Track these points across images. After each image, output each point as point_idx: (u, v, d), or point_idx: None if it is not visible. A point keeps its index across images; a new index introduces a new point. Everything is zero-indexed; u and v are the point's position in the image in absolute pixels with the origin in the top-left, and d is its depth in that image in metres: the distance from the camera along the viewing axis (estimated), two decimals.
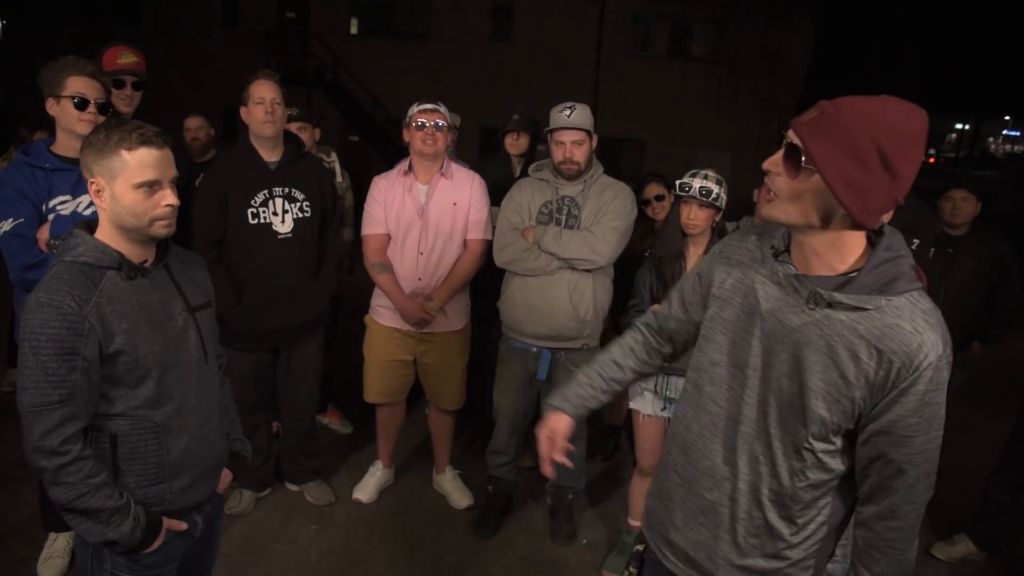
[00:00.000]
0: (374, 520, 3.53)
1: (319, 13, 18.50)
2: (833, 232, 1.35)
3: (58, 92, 2.54)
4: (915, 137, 1.25)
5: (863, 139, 1.23)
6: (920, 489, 1.40)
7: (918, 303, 1.33)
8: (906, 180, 1.27)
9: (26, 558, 3.03)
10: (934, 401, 1.33)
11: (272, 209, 3.11)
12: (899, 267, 1.34)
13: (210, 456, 1.88)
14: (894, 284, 1.33)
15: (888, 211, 1.32)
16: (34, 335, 1.55)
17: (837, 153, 1.24)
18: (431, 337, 3.37)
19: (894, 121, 1.24)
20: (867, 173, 1.24)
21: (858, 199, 1.26)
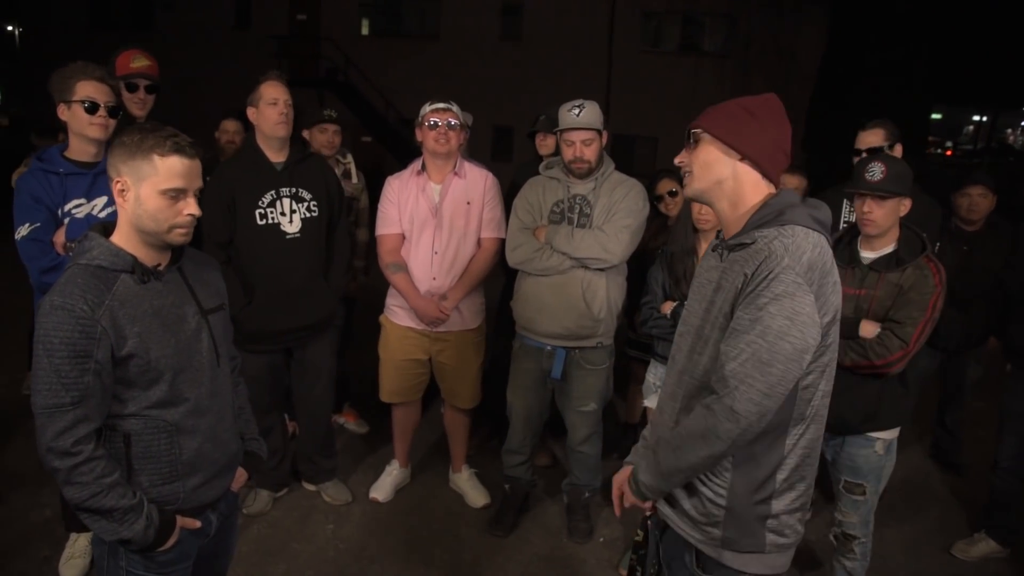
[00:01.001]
0: (391, 519, 3.54)
1: (330, 15, 18.58)
2: (741, 186, 1.66)
3: (68, 97, 2.57)
4: (766, 99, 1.68)
5: (730, 106, 1.69)
6: (725, 384, 1.54)
7: (784, 231, 1.56)
8: (772, 125, 1.65)
9: (48, 559, 3.07)
10: (766, 309, 1.50)
11: (280, 209, 3.13)
12: (778, 208, 1.60)
13: (223, 455, 1.89)
14: (771, 222, 1.59)
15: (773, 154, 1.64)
16: (47, 338, 1.57)
17: (714, 117, 1.68)
18: (446, 336, 3.38)
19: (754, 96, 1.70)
20: (740, 122, 1.65)
21: (741, 138, 1.63)
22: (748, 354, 1.51)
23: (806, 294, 1.50)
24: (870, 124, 3.34)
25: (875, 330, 2.56)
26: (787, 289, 1.49)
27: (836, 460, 2.78)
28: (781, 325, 1.49)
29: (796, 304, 1.49)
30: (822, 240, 1.59)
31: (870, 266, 2.63)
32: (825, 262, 1.56)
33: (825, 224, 1.64)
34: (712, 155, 1.67)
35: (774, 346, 1.49)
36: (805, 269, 1.51)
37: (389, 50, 18.11)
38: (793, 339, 1.49)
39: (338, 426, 4.37)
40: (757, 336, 1.50)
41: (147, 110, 3.26)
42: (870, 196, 2.57)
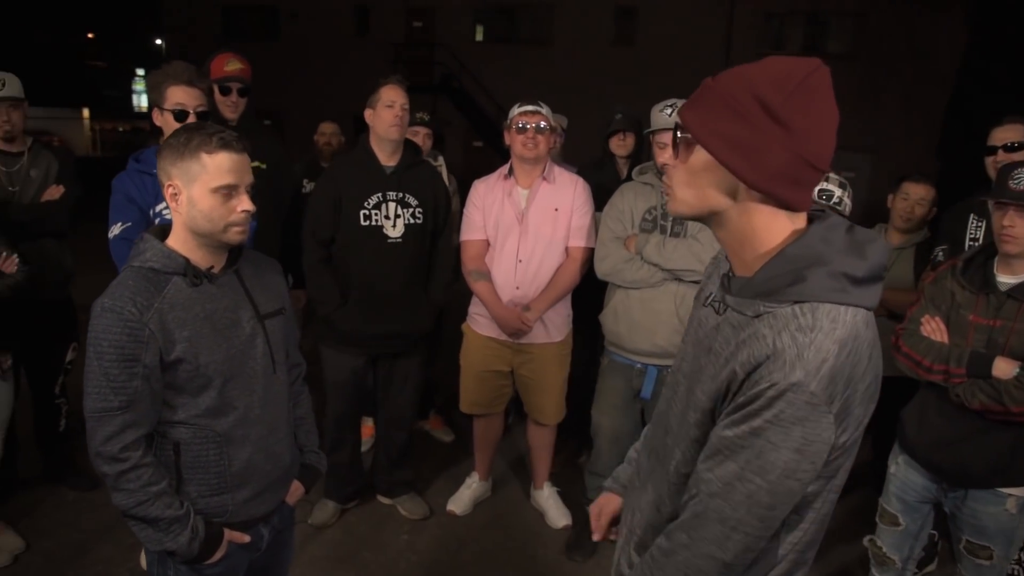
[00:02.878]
0: (467, 534, 3.43)
1: (445, 22, 18.95)
2: (749, 219, 1.14)
3: (161, 103, 2.61)
4: (800, 82, 1.06)
5: (740, 94, 1.07)
6: (711, 529, 1.14)
7: (801, 317, 1.07)
8: (807, 132, 1.06)
9: (132, 546, 3.14)
10: (765, 437, 1.07)
11: (384, 213, 3.09)
12: (796, 267, 1.09)
13: (276, 468, 1.82)
14: (783, 290, 1.09)
15: (800, 173, 1.09)
16: (97, 340, 1.55)
17: (714, 115, 1.10)
18: (529, 348, 3.23)
19: (774, 72, 1.07)
20: (751, 129, 1.06)
21: (746, 159, 1.07)
22: (743, 496, 1.10)
23: (823, 416, 1.05)
24: (1008, 118, 2.94)
25: (1013, 370, 2.18)
26: (797, 413, 1.05)
27: (956, 516, 2.42)
28: (788, 460, 1.07)
29: (809, 431, 1.05)
30: (858, 322, 1.08)
31: (1009, 293, 2.25)
32: (857, 363, 1.07)
33: (872, 277, 1.11)
34: (706, 177, 1.13)
35: (777, 487, 1.08)
36: (826, 384, 1.04)
37: (502, 56, 18.25)
38: (803, 475, 1.08)
39: (423, 433, 4.31)
40: (754, 473, 1.09)
41: (239, 113, 3.31)
42: (1014, 207, 2.19)
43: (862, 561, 3.37)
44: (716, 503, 1.13)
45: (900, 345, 2.47)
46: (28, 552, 3.09)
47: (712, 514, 1.14)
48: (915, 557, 2.66)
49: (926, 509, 2.55)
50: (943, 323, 2.40)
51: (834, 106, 1.10)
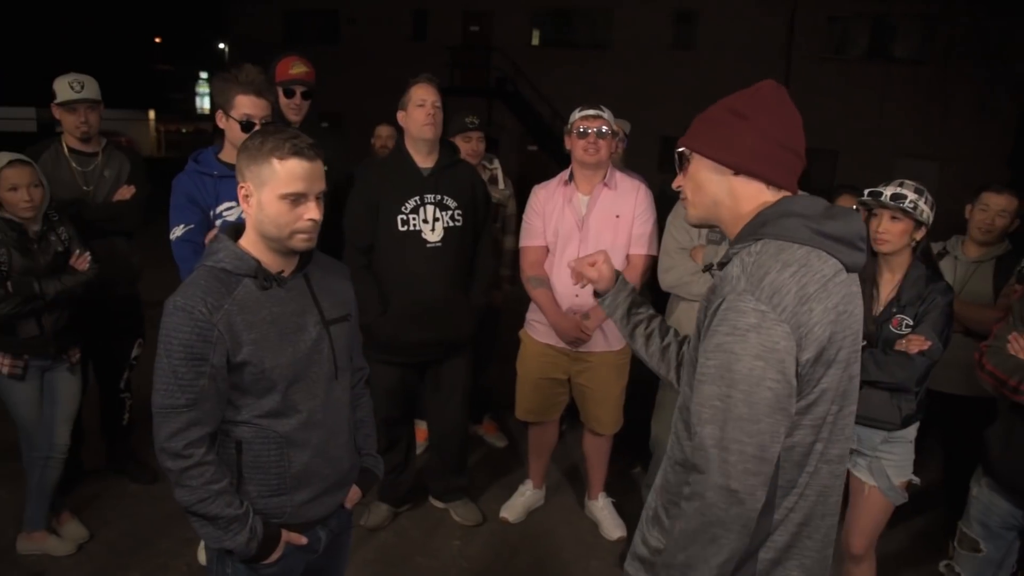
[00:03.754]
0: (520, 542, 3.39)
1: (502, 26, 19.00)
2: (737, 200, 1.38)
3: (227, 109, 2.63)
4: (756, 89, 1.38)
5: (714, 111, 1.41)
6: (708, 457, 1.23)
7: (752, 247, 1.30)
8: (766, 120, 1.35)
9: (190, 540, 3.19)
10: (731, 350, 1.21)
11: (423, 216, 3.04)
12: (764, 219, 1.33)
13: (335, 472, 1.81)
14: (751, 234, 1.33)
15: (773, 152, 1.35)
16: (168, 338, 1.56)
17: (698, 129, 1.42)
18: (587, 357, 3.18)
19: (742, 91, 1.40)
20: (723, 127, 1.37)
21: (723, 146, 1.36)
22: (723, 412, 1.21)
23: (775, 323, 1.19)
24: None
25: None
26: (749, 320, 1.20)
27: None
28: (752, 368, 1.19)
29: (764, 338, 1.19)
30: (811, 256, 1.25)
31: None
32: (806, 284, 1.22)
33: (841, 238, 1.29)
34: (702, 174, 1.40)
35: (752, 396, 1.19)
36: (769, 294, 1.20)
37: (558, 60, 18.20)
38: (772, 383, 1.19)
39: (476, 438, 4.29)
40: (727, 387, 1.21)
41: (302, 115, 3.34)
42: None
43: None
44: (707, 429, 1.24)
45: (984, 363, 2.36)
46: (92, 542, 3.16)
47: (708, 440, 1.24)
48: None
49: (1011, 536, 2.43)
50: None
51: (791, 106, 1.39)
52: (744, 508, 1.22)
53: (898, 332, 2.48)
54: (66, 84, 3.23)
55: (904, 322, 2.48)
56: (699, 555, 1.25)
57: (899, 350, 2.44)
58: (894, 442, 2.54)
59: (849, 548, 2.70)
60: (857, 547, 2.68)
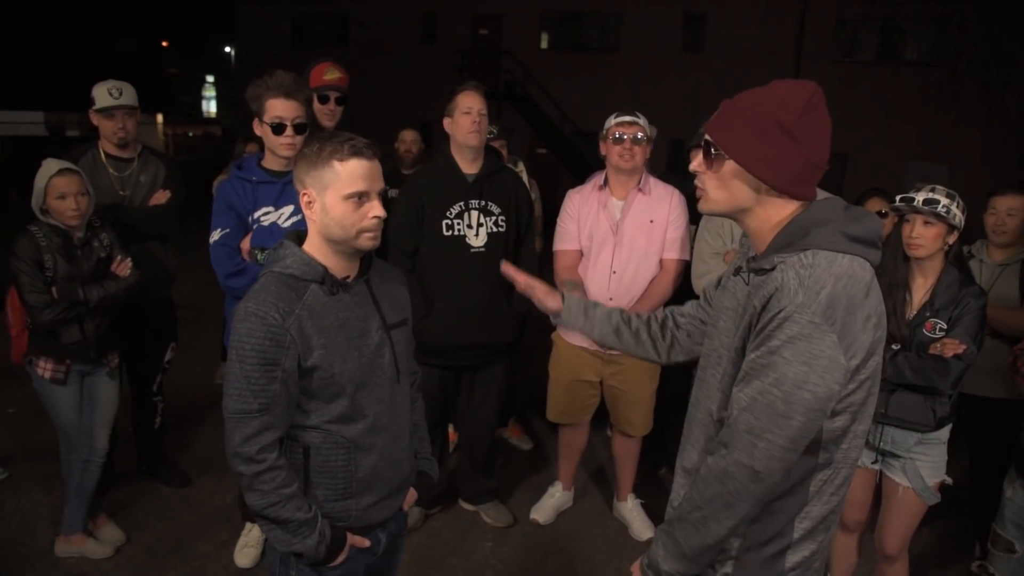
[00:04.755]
0: (551, 543, 3.42)
1: (511, 29, 19.06)
2: (766, 209, 1.42)
3: (261, 115, 2.66)
4: (805, 104, 1.35)
5: (760, 116, 1.36)
6: (741, 440, 1.34)
7: (804, 258, 1.33)
8: (814, 143, 1.36)
9: (226, 543, 3.24)
10: (779, 354, 1.30)
11: (467, 222, 3.09)
12: (803, 227, 1.37)
13: (397, 476, 1.85)
14: (793, 243, 1.36)
15: (808, 174, 1.38)
16: (240, 343, 1.58)
17: (740, 134, 1.38)
18: (620, 359, 3.21)
19: (783, 95, 1.36)
20: (770, 144, 1.35)
21: (770, 168, 1.37)
22: (763, 405, 1.31)
23: (825, 335, 1.28)
24: None
25: None
26: (802, 331, 1.28)
27: None
28: (798, 372, 1.28)
29: (814, 347, 1.28)
30: (855, 265, 1.33)
31: None
32: (854, 295, 1.30)
33: (867, 240, 1.37)
34: (733, 182, 1.41)
35: (791, 396, 1.29)
36: (824, 307, 1.28)
37: (568, 63, 18.26)
38: (814, 386, 1.29)
39: (502, 441, 4.32)
40: (772, 385, 1.30)
41: (336, 121, 3.37)
42: None
43: None
44: (744, 416, 1.34)
45: (1020, 366, 2.38)
46: (129, 544, 3.20)
47: (741, 425, 1.34)
48: None
49: None
50: None
51: (828, 118, 1.39)
52: (763, 486, 1.35)
53: (932, 336, 2.50)
54: (105, 91, 3.27)
55: (938, 326, 2.50)
56: (713, 516, 1.40)
57: (934, 353, 2.46)
58: (928, 443, 2.56)
59: (884, 548, 2.73)
60: (892, 548, 2.70)
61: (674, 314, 1.85)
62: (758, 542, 1.44)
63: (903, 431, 2.56)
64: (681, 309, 1.85)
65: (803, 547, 1.45)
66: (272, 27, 21.35)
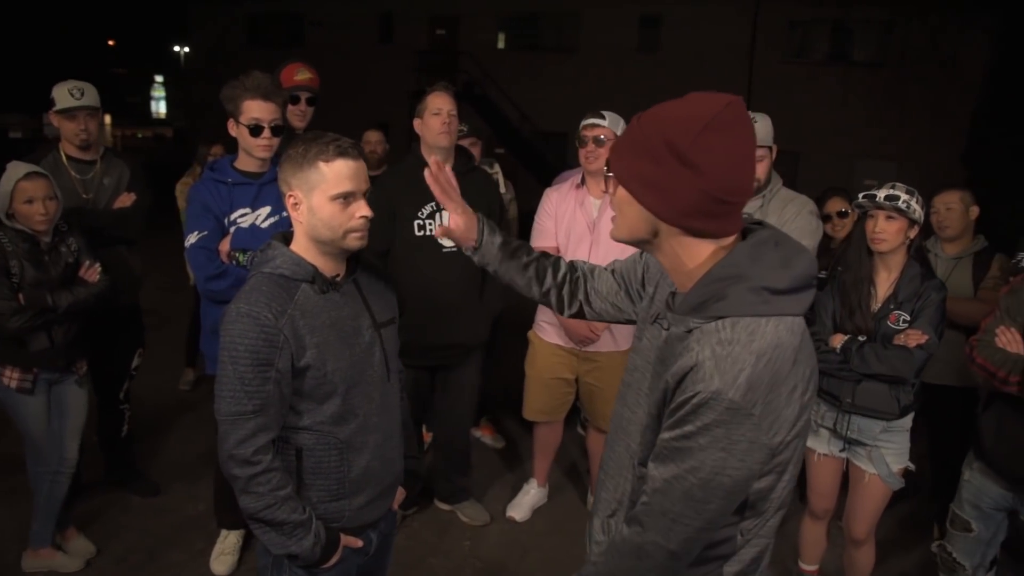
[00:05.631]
0: (529, 540, 3.45)
1: (468, 30, 19.06)
2: (673, 247, 1.26)
3: (237, 116, 2.65)
4: (707, 124, 1.15)
5: (653, 138, 1.19)
6: (657, 521, 1.25)
7: (721, 331, 1.19)
8: (715, 170, 1.16)
9: (202, 551, 3.18)
10: (695, 440, 1.18)
11: (439, 222, 3.10)
12: (719, 284, 1.21)
13: (388, 475, 1.86)
14: (708, 306, 1.21)
15: (711, 208, 1.19)
16: (233, 345, 1.58)
17: (632, 157, 1.22)
18: (595, 356, 3.25)
19: (682, 115, 1.18)
20: (663, 170, 1.18)
21: (660, 198, 1.20)
22: (679, 491, 1.21)
23: (744, 419, 1.16)
24: None
25: None
26: (719, 418, 1.16)
27: None
28: (716, 459, 1.18)
29: (732, 433, 1.17)
30: (780, 332, 1.19)
31: None
32: (778, 370, 1.17)
33: (798, 287, 1.22)
34: (627, 210, 1.26)
35: (709, 483, 1.19)
36: (744, 391, 1.15)
37: (525, 63, 18.33)
38: (733, 471, 1.19)
39: (474, 440, 4.34)
40: (688, 472, 1.20)
41: (307, 122, 3.35)
42: None
43: (923, 569, 3.37)
44: (658, 498, 1.25)
45: (975, 356, 2.49)
46: (100, 557, 3.12)
47: (656, 507, 1.26)
48: (985, 565, 2.68)
49: (1000, 516, 2.58)
50: (1019, 334, 2.41)
51: (747, 137, 1.20)
52: (680, 563, 1.29)
53: (895, 327, 2.60)
54: (66, 91, 3.19)
55: (901, 318, 2.60)
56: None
57: (898, 344, 2.56)
58: (892, 431, 2.66)
59: (852, 533, 2.83)
60: (860, 532, 2.80)
61: (589, 290, 1.72)
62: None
63: (869, 420, 2.66)
64: (597, 287, 1.71)
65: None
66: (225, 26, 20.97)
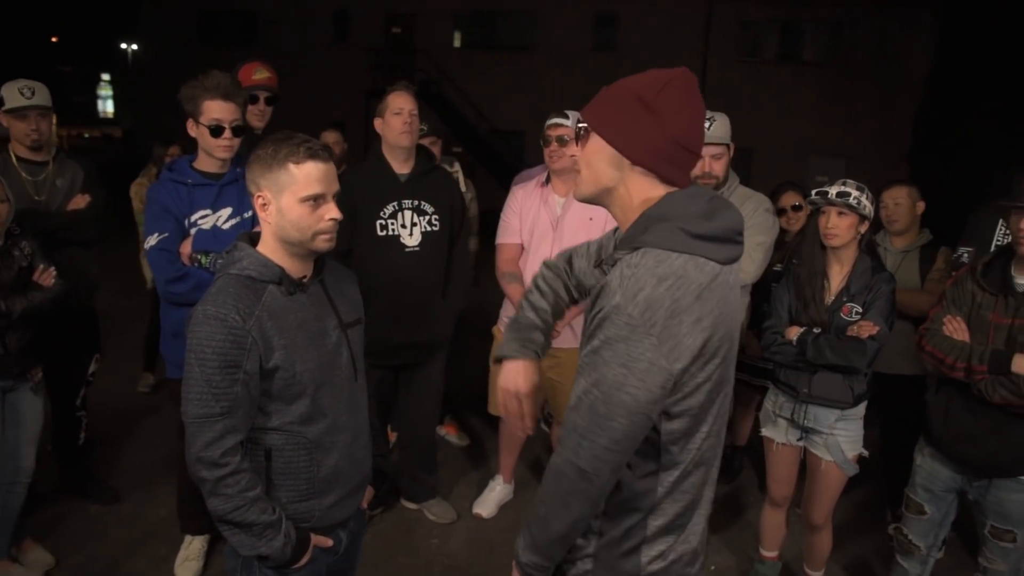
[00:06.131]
0: (496, 536, 3.48)
1: (424, 28, 18.97)
2: (628, 189, 1.39)
3: (197, 116, 2.62)
4: (668, 81, 1.34)
5: (623, 93, 1.37)
6: (569, 438, 1.34)
7: (633, 257, 1.31)
8: (676, 119, 1.34)
9: (165, 558, 3.14)
10: (600, 354, 1.28)
11: (400, 221, 3.11)
12: (646, 223, 1.34)
13: (358, 474, 1.86)
14: (633, 239, 1.34)
15: (674, 153, 1.35)
16: (200, 347, 1.57)
17: (604, 110, 1.39)
18: (557, 352, 3.28)
19: (647, 77, 1.36)
20: (629, 116, 1.34)
21: (628, 140, 1.35)
22: (587, 405, 1.30)
23: (643, 337, 1.24)
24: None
25: None
26: (619, 332, 1.24)
27: (981, 503, 2.56)
28: (616, 374, 1.25)
29: (632, 349, 1.24)
30: (688, 267, 1.28)
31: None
32: (679, 298, 1.25)
33: (718, 237, 1.34)
34: (599, 157, 1.39)
35: (611, 398, 1.26)
36: (642, 309, 1.24)
37: (482, 62, 18.33)
38: (633, 389, 1.25)
39: (440, 438, 4.35)
40: (593, 385, 1.28)
41: (266, 121, 3.33)
42: None
43: (877, 551, 3.49)
44: (572, 415, 1.34)
45: (924, 344, 2.59)
46: (59, 568, 3.05)
47: (569, 424, 1.35)
48: (938, 544, 2.79)
49: (950, 498, 2.68)
50: (964, 323, 2.52)
51: (698, 101, 1.37)
52: (591, 485, 1.34)
53: (848, 319, 2.69)
54: (16, 90, 3.11)
55: (854, 310, 2.69)
56: (553, 512, 1.41)
57: (851, 335, 2.65)
58: (847, 419, 2.75)
59: (810, 519, 2.92)
60: (818, 518, 2.89)
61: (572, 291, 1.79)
62: (613, 539, 1.45)
63: (824, 409, 2.74)
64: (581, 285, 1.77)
65: (659, 542, 1.44)
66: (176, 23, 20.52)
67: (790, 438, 2.87)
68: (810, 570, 3.03)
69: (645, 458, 1.38)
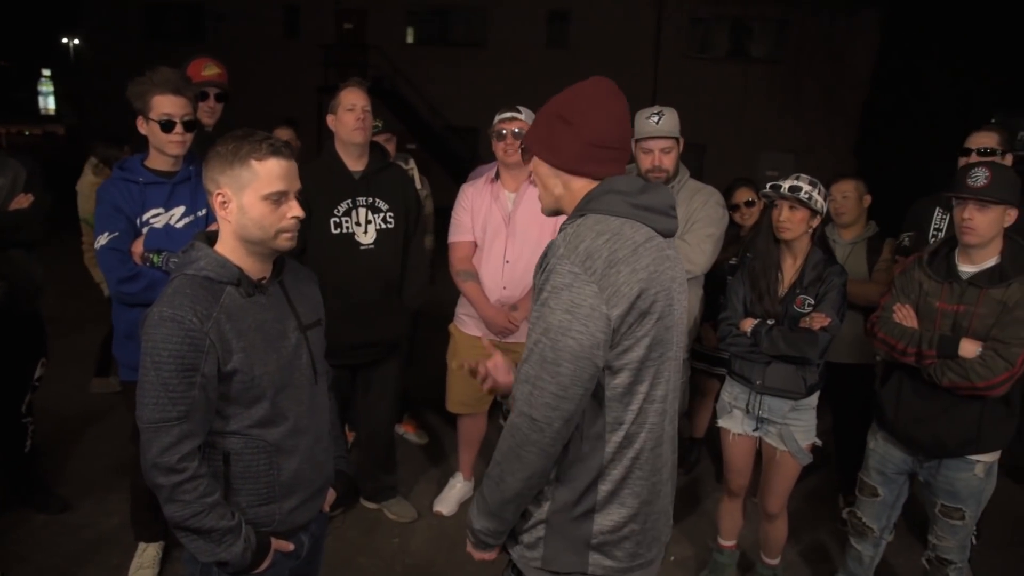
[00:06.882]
0: (457, 534, 3.47)
1: (376, 24, 18.79)
2: (572, 193, 1.55)
3: (146, 112, 2.54)
4: (578, 93, 1.54)
5: (547, 112, 1.57)
6: (522, 390, 1.43)
7: (577, 219, 1.49)
8: (589, 125, 1.51)
9: (118, 567, 3.06)
10: (547, 304, 1.42)
11: (355, 219, 3.08)
12: (588, 197, 1.51)
13: (320, 477, 1.84)
14: (581, 209, 1.51)
15: (591, 153, 1.52)
16: (156, 350, 1.52)
17: (536, 130, 1.59)
18: (515, 347, 3.28)
19: (566, 91, 1.57)
20: (553, 132, 1.54)
21: (552, 151, 1.54)
22: (537, 354, 1.42)
23: (585, 284, 1.39)
24: (985, 126, 3.21)
25: (976, 349, 2.43)
26: (563, 280, 1.40)
27: (931, 483, 2.66)
28: (561, 320, 1.39)
29: (575, 295, 1.39)
30: (625, 227, 1.46)
31: (970, 281, 2.48)
32: (616, 250, 1.42)
33: (654, 208, 1.51)
34: (543, 172, 1.59)
35: (557, 343, 1.39)
36: (583, 258, 1.40)
37: (435, 58, 18.24)
38: (577, 333, 1.38)
39: (398, 437, 4.32)
40: (541, 334, 1.41)
41: (216, 119, 3.26)
42: (972, 202, 2.41)
43: (832, 537, 3.58)
44: (524, 367, 1.45)
45: (876, 332, 2.67)
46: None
47: (521, 375, 1.45)
48: (890, 527, 2.87)
49: (902, 480, 2.78)
50: (912, 310, 2.60)
51: (612, 101, 1.54)
52: (543, 435, 1.42)
53: (801, 311, 2.75)
54: None
55: (806, 302, 2.75)
56: (508, 469, 1.48)
57: (804, 327, 2.71)
58: (800, 410, 2.82)
59: (766, 508, 2.98)
60: (774, 507, 2.95)
61: None
62: (565, 504, 1.51)
63: (778, 399, 2.80)
64: None
65: (610, 511, 1.51)
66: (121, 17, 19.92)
67: (746, 428, 2.92)
68: (767, 558, 3.09)
69: (593, 417, 1.48)
